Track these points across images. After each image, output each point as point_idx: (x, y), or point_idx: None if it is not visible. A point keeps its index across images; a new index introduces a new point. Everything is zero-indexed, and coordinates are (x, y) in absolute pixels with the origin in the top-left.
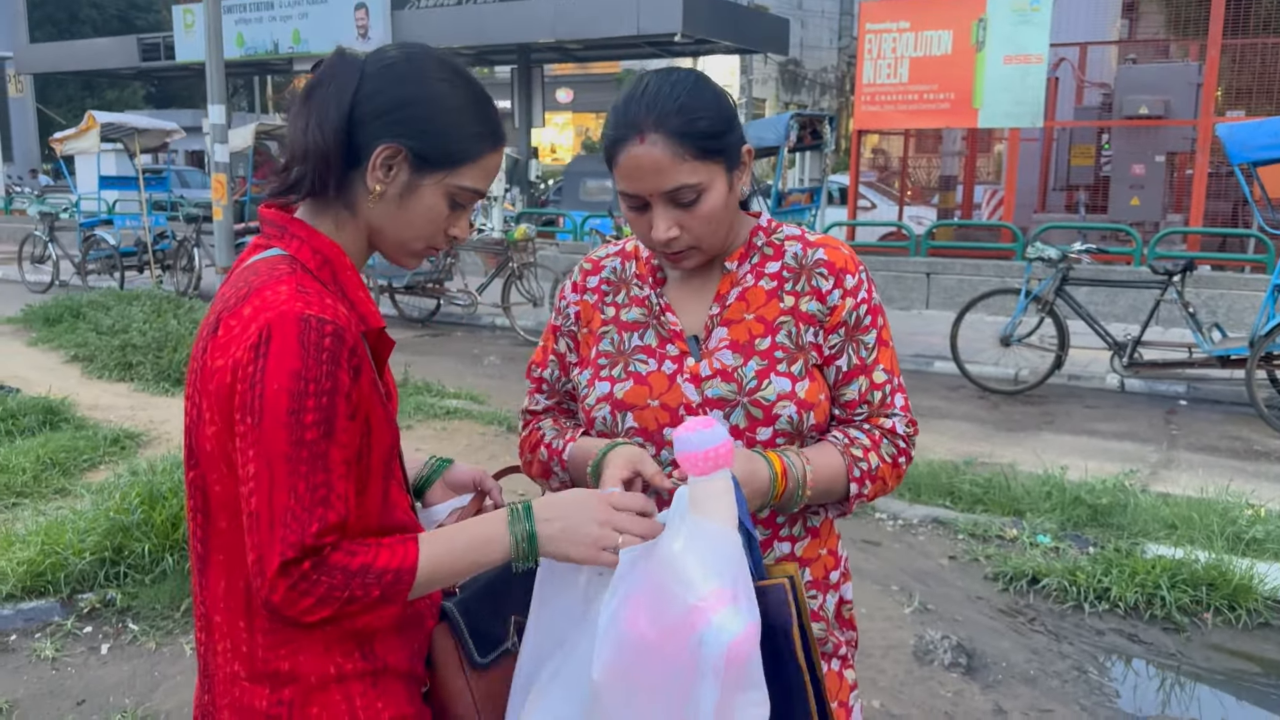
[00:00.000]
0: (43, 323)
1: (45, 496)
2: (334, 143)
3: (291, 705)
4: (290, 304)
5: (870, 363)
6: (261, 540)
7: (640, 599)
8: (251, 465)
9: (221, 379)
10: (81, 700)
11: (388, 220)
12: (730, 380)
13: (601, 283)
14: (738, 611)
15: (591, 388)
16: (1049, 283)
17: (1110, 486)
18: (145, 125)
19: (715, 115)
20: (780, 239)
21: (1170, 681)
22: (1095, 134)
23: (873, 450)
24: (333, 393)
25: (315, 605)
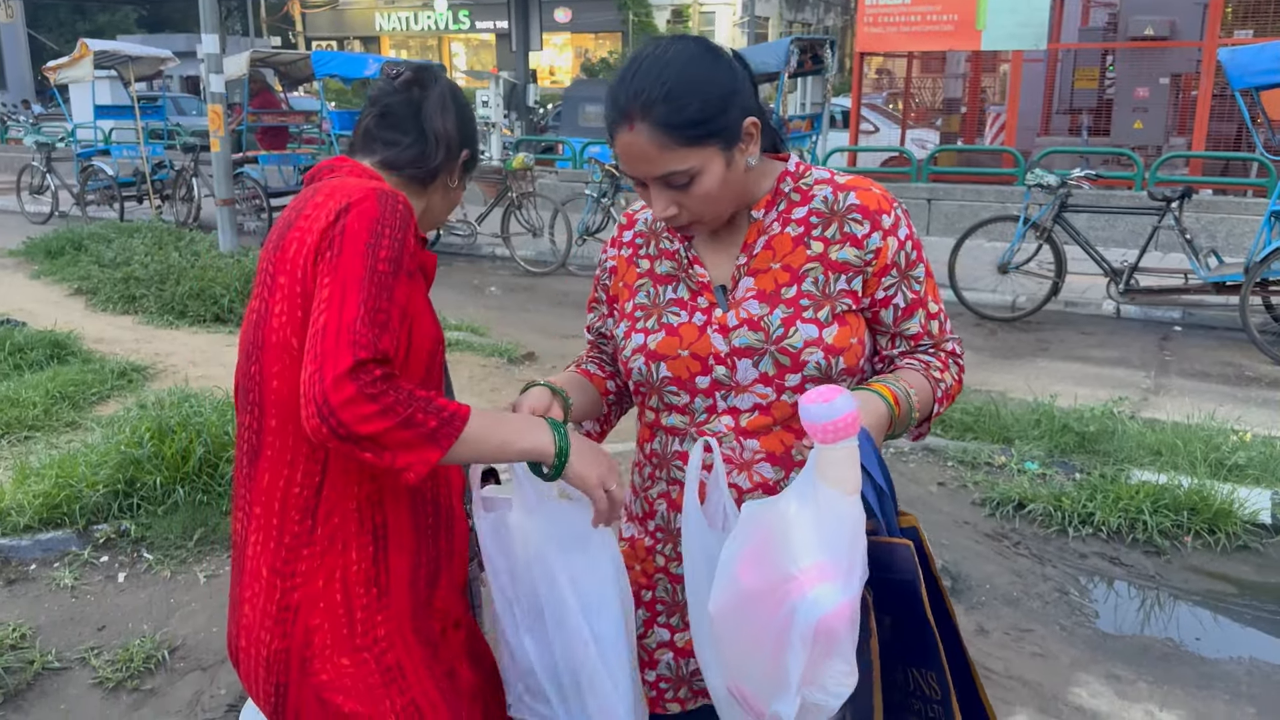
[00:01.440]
0: (45, 255)
1: (56, 430)
2: (456, 139)
3: (297, 611)
4: (368, 186)
5: (923, 295)
6: (327, 348)
7: (754, 551)
8: (327, 289)
9: (301, 254)
10: (102, 626)
11: (440, 204)
12: (757, 329)
13: (636, 236)
14: (834, 588)
15: (628, 340)
16: (1047, 209)
17: (1098, 414)
18: (139, 53)
19: (706, 99)
20: (809, 183)
21: (1149, 602)
22: (1100, 55)
23: (945, 370)
24: (403, 241)
25: (377, 414)
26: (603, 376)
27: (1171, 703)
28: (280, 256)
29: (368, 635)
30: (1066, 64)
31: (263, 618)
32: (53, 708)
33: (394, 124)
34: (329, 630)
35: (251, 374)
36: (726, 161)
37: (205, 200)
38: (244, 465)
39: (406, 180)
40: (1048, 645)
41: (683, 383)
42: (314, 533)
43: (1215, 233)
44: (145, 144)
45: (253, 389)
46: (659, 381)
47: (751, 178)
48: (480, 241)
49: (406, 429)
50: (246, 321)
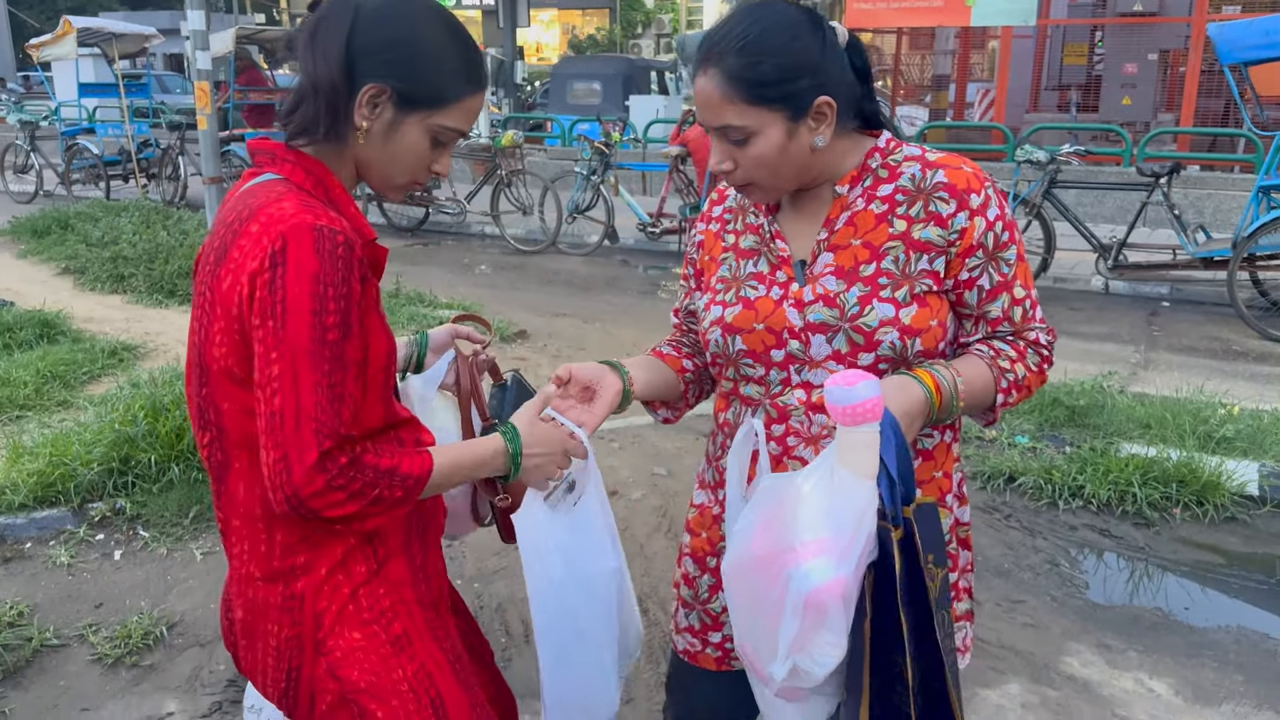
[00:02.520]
0: (31, 235)
1: (48, 409)
2: (339, 77)
3: (303, 598)
4: (300, 216)
5: (1010, 279)
6: (288, 438)
7: (766, 521)
8: (275, 366)
9: (236, 292)
10: (99, 603)
11: (374, 156)
12: (833, 305)
13: (725, 211)
14: (829, 563)
15: (707, 312)
16: (1036, 185)
17: (1088, 388)
18: (123, 30)
19: (781, 63)
20: (898, 160)
21: (1139, 573)
22: (1089, 31)
23: (1019, 361)
24: (348, 297)
25: (347, 500)
26: (678, 356)
27: (1161, 671)
28: (217, 285)
29: (374, 608)
30: (1055, 40)
31: (265, 610)
32: (52, 684)
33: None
34: (336, 610)
35: (204, 396)
36: (789, 133)
37: (192, 179)
38: (214, 483)
39: (316, 146)
40: (1039, 616)
41: (758, 356)
42: (305, 527)
43: (1203, 208)
44: (130, 122)
45: (208, 409)
46: (735, 354)
47: (830, 156)
48: (470, 220)
49: (375, 505)
50: (191, 339)
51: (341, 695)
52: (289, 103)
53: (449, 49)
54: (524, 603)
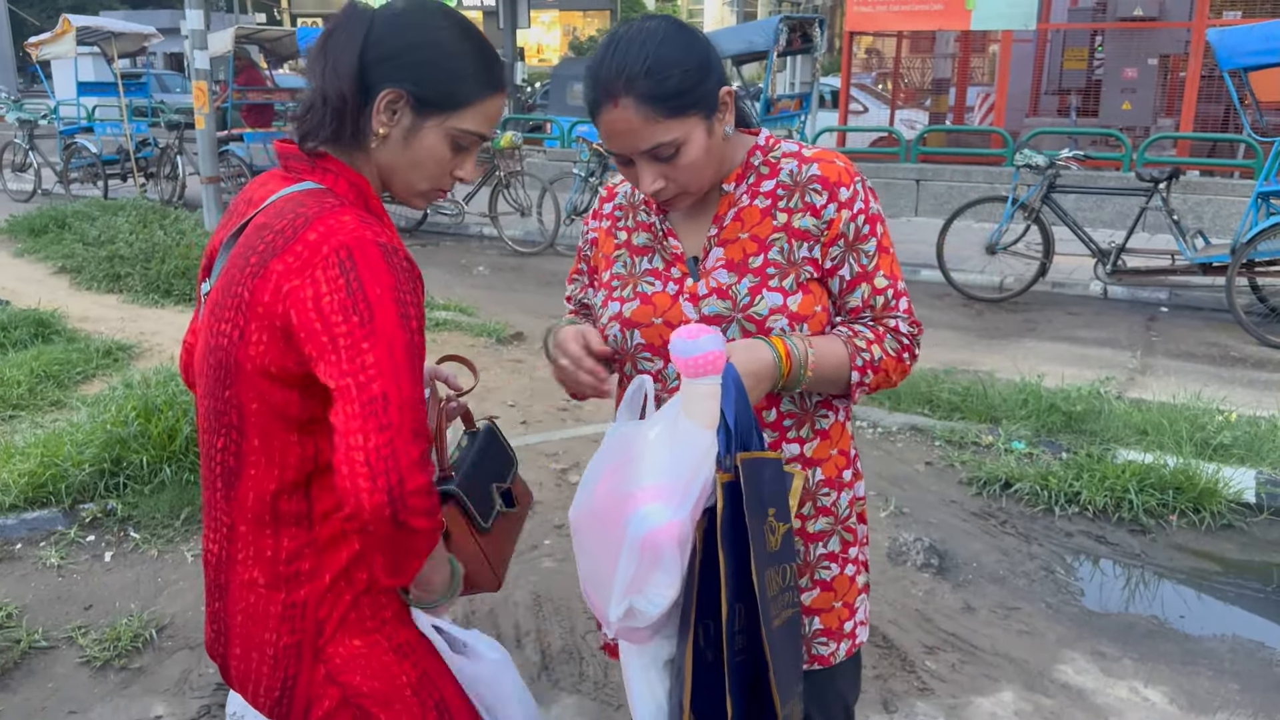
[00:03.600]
0: (28, 233)
1: (41, 409)
2: (350, 86)
3: (305, 606)
4: (362, 230)
5: (871, 270)
6: (393, 419)
7: (612, 468)
8: (369, 355)
9: (298, 293)
10: (89, 605)
11: (394, 161)
12: (725, 297)
13: (615, 209)
14: (665, 508)
15: (605, 308)
16: (1036, 190)
17: (1085, 394)
18: (122, 29)
19: (686, 70)
20: (777, 156)
21: (1134, 580)
22: (1089, 36)
23: (876, 343)
24: (418, 306)
25: (426, 512)
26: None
27: (1156, 679)
28: (260, 286)
29: (376, 617)
30: (1055, 44)
31: (264, 619)
32: (40, 686)
33: None
34: (338, 618)
35: (226, 398)
36: (708, 130)
37: (190, 178)
38: (219, 488)
39: (334, 149)
40: (1034, 623)
41: (655, 349)
42: (313, 532)
43: (1202, 214)
44: (129, 121)
45: (229, 412)
46: (634, 348)
47: (726, 150)
48: (468, 221)
49: (430, 539)
50: (209, 343)
51: (343, 699)
52: (301, 107)
53: (465, 52)
54: (516, 606)
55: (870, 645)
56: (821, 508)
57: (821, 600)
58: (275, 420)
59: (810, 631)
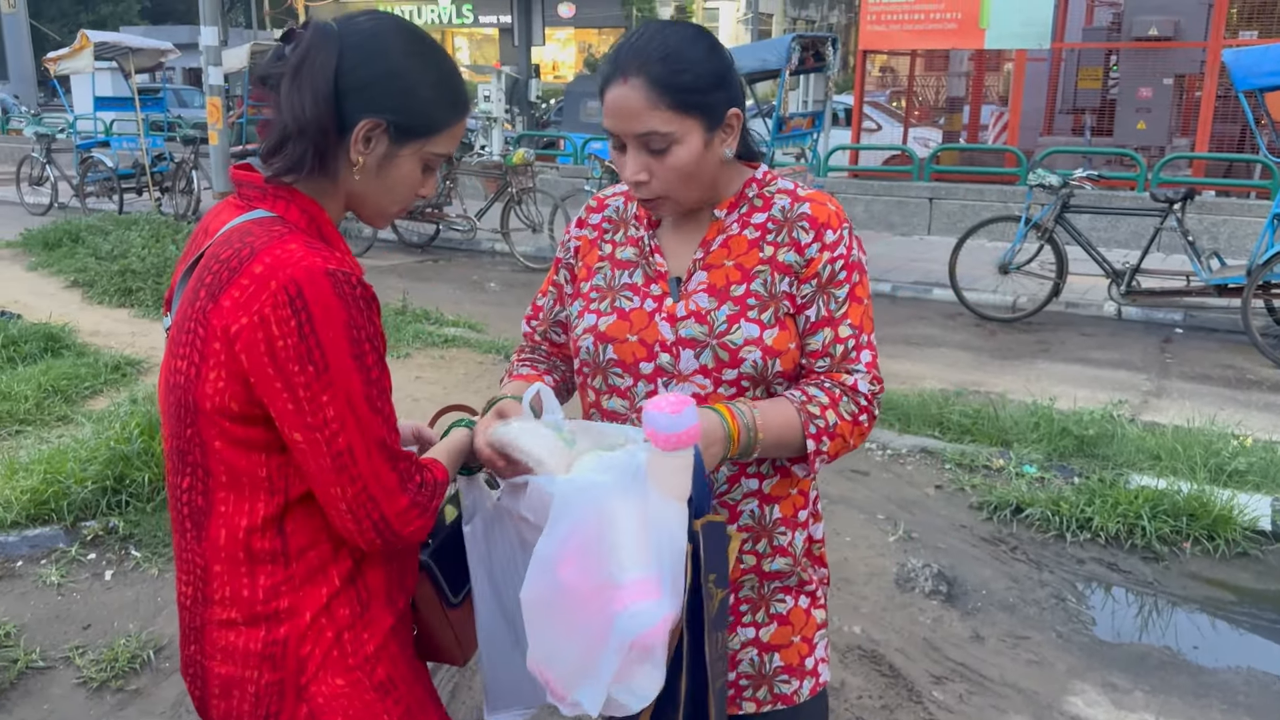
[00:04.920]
0: (42, 247)
1: (48, 424)
2: (328, 117)
3: (285, 644)
4: (310, 259)
5: (838, 316)
6: (363, 470)
7: (577, 545)
8: (329, 409)
9: (247, 335)
10: (87, 625)
11: (368, 189)
12: (703, 322)
13: (603, 220)
14: (655, 605)
15: (580, 319)
16: (1049, 210)
17: (1098, 417)
18: (139, 45)
19: (702, 71)
20: (772, 192)
21: (1147, 609)
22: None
23: (830, 408)
24: (375, 336)
25: (419, 515)
26: (538, 374)
27: (1169, 712)
28: (211, 323)
29: (358, 654)
30: (1070, 63)
31: (245, 656)
32: (36, 707)
33: (270, 115)
34: (320, 655)
35: (188, 436)
36: (705, 142)
37: (205, 193)
38: (188, 529)
39: (305, 183)
40: (1044, 652)
41: (627, 366)
42: (289, 569)
43: (1218, 234)
44: (145, 136)
45: (192, 450)
46: (605, 363)
47: (722, 175)
48: (480, 237)
49: (431, 515)
50: (169, 381)
51: None
52: (271, 141)
53: (438, 78)
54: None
55: (876, 674)
56: (778, 547)
57: (779, 635)
58: (241, 457)
59: (771, 669)
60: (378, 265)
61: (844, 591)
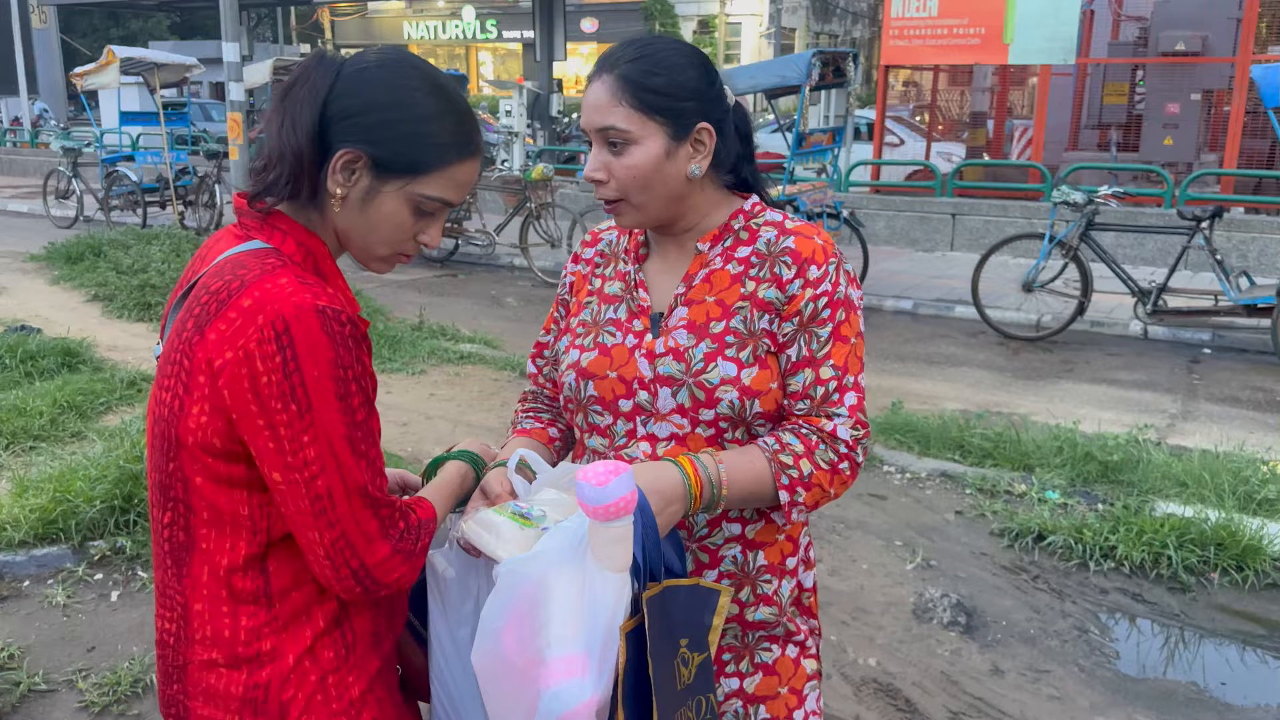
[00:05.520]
0: (64, 261)
1: (61, 440)
2: (307, 144)
3: (268, 688)
4: (300, 295)
5: (820, 356)
6: (342, 516)
7: (518, 616)
8: (310, 450)
9: (231, 370)
10: (92, 647)
11: (351, 224)
12: (680, 359)
13: (596, 254)
14: (581, 685)
15: (566, 355)
16: (1074, 227)
17: (1123, 442)
18: (164, 60)
19: (674, 80)
20: (759, 224)
21: (1173, 642)
22: (1130, 70)
23: (805, 457)
24: (364, 375)
25: (402, 561)
26: (542, 427)
27: None
28: (197, 355)
29: (343, 699)
30: (1096, 78)
31: (226, 700)
32: None
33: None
34: (304, 699)
35: (170, 471)
36: (667, 151)
37: (227, 207)
38: (169, 565)
39: (290, 207)
40: (1065, 687)
41: (607, 404)
42: (272, 610)
43: (1247, 253)
44: (170, 150)
45: (174, 485)
46: (585, 400)
47: (698, 198)
48: (499, 252)
49: (416, 559)
50: (155, 413)
51: None
52: (258, 162)
53: (434, 115)
54: None
55: (891, 709)
56: (762, 595)
57: (765, 686)
58: (223, 494)
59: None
60: (397, 279)
61: (859, 622)
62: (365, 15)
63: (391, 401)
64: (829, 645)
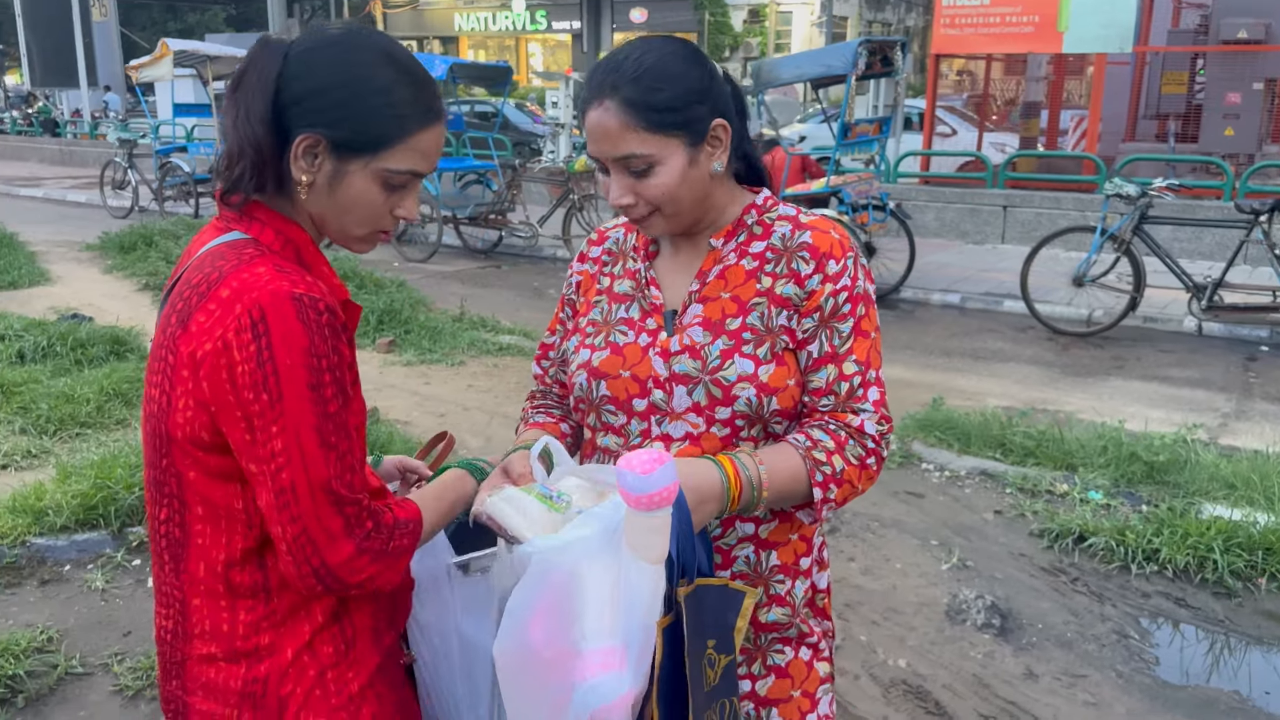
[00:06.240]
0: (117, 250)
1: (107, 428)
2: (264, 135)
3: (266, 682)
4: (276, 283)
5: (842, 352)
6: (304, 511)
7: (546, 607)
8: (278, 440)
9: (210, 361)
10: (128, 631)
11: (323, 208)
12: (696, 357)
13: (603, 253)
14: (617, 679)
15: (576, 354)
16: (1127, 220)
17: (1169, 442)
18: (217, 53)
19: (679, 88)
20: (772, 218)
21: (1217, 649)
22: (1190, 59)
23: (837, 453)
24: (340, 365)
25: (369, 562)
26: (554, 421)
27: None
28: (180, 349)
29: (342, 694)
30: (1154, 67)
31: (225, 694)
32: (72, 714)
33: None
34: (303, 694)
35: (164, 467)
36: (690, 159)
37: None
38: (166, 561)
39: (268, 200)
40: (1102, 693)
41: (620, 403)
42: (270, 604)
43: None
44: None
45: (168, 481)
46: (598, 399)
47: (719, 192)
48: (542, 243)
49: (394, 560)
50: (147, 409)
51: None
52: (222, 158)
53: (389, 86)
54: None
55: (920, 711)
56: (775, 596)
57: (777, 689)
58: (215, 488)
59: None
60: (441, 270)
61: (890, 622)
62: (416, 7)
63: (430, 392)
64: (858, 645)
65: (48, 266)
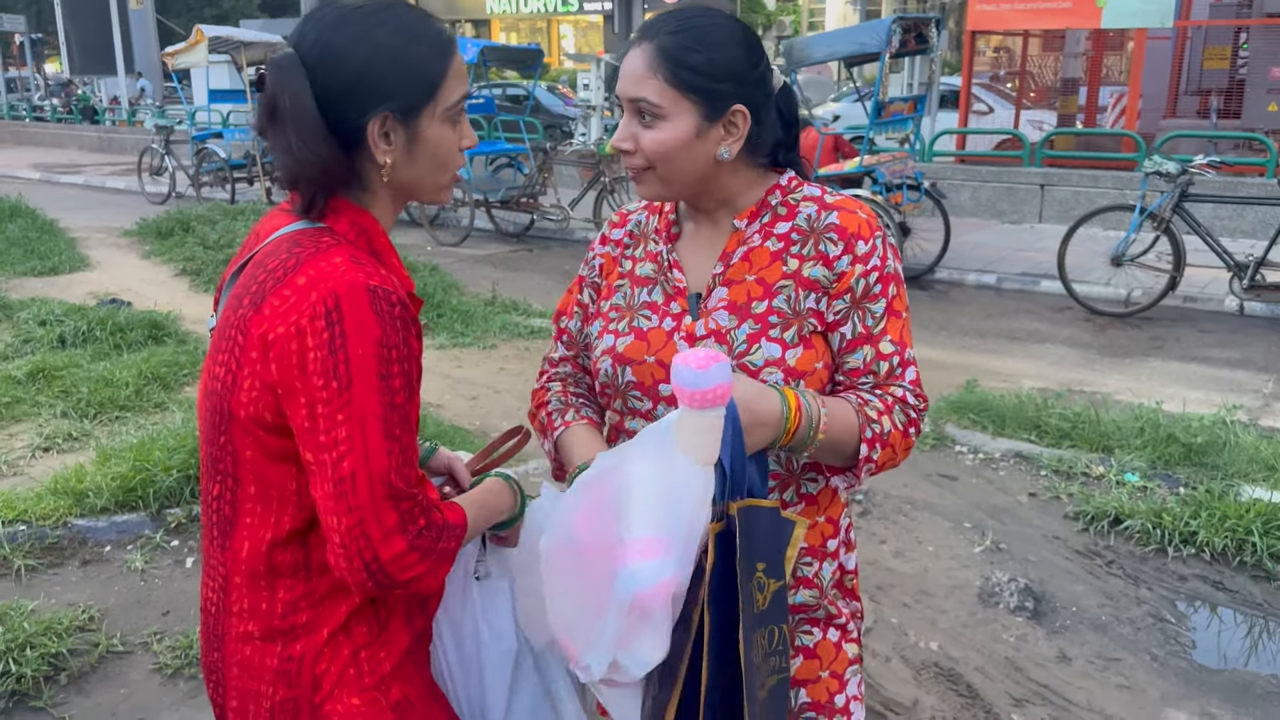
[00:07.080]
0: (155, 236)
1: (145, 411)
2: (327, 151)
3: (301, 660)
4: (353, 274)
5: (877, 332)
6: (362, 503)
7: (594, 505)
8: (343, 428)
9: (282, 344)
10: (167, 611)
11: (409, 175)
12: (723, 341)
13: (625, 235)
14: (656, 566)
15: (600, 340)
16: (1166, 198)
17: (1208, 424)
18: (251, 39)
19: (714, 59)
20: (797, 199)
21: (1255, 633)
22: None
23: (886, 414)
24: (409, 359)
25: (419, 560)
26: (598, 420)
27: None
28: (251, 331)
29: (374, 674)
30: (1196, 42)
31: (260, 671)
32: (113, 691)
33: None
34: (336, 674)
35: (221, 444)
36: (698, 130)
37: None
38: (215, 536)
39: (342, 191)
40: (1136, 676)
41: (646, 389)
42: (310, 583)
43: None
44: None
45: (224, 459)
46: (624, 385)
47: (728, 179)
48: (573, 226)
49: (439, 562)
50: (207, 386)
51: None
52: (285, 179)
53: (407, 40)
54: None
55: (952, 694)
56: (802, 578)
57: (806, 669)
58: (271, 468)
59: (797, 706)
60: (474, 254)
61: (922, 605)
62: None
63: (462, 375)
64: (890, 628)
65: (87, 252)
